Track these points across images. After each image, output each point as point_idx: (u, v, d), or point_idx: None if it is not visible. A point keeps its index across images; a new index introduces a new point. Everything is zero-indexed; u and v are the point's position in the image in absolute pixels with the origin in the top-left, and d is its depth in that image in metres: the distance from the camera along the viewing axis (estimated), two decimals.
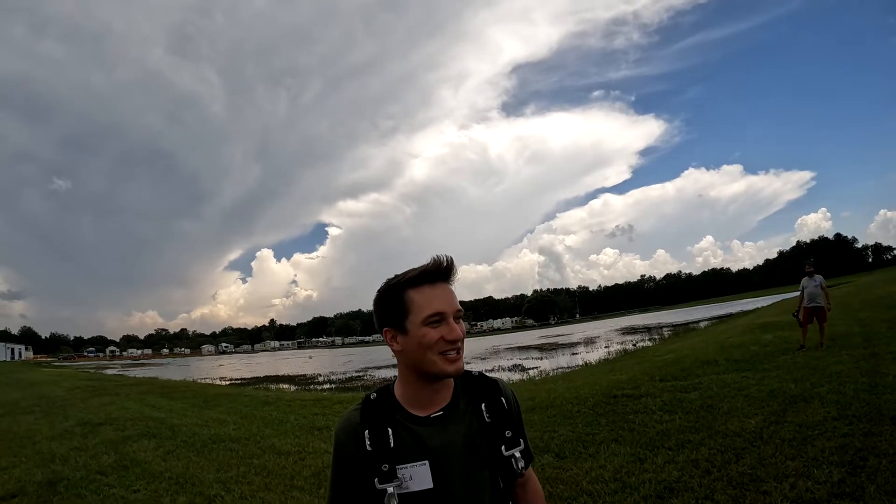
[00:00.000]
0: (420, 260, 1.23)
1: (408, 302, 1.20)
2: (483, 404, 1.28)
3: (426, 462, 1.19)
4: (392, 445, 1.19)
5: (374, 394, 1.29)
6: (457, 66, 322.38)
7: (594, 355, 22.32)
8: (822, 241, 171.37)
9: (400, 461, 1.19)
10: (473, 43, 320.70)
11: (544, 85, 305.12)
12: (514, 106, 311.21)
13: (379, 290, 1.26)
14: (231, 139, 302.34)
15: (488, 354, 35.59)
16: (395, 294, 1.22)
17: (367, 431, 1.21)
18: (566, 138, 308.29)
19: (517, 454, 1.26)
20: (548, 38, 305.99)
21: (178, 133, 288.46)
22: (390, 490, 1.16)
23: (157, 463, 6.16)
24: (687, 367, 9.79)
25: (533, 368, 20.87)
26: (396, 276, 1.24)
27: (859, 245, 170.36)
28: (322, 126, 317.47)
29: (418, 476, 1.18)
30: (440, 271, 1.21)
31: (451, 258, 1.22)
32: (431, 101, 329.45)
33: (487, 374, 1.36)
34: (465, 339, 1.25)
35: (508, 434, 1.27)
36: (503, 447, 1.25)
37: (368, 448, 1.19)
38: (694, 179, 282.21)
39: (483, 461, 1.23)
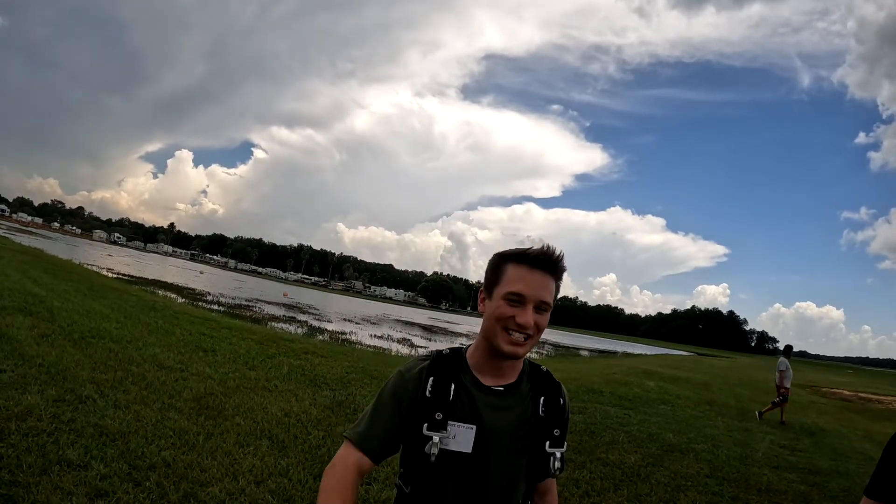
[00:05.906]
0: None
1: (502, 272, 1.26)
2: (542, 398, 1.32)
3: (474, 427, 1.23)
4: (450, 399, 1.24)
5: (447, 350, 1.34)
6: (432, 34, 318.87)
7: None
8: (716, 312, 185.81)
9: (452, 417, 1.23)
10: (457, 17, 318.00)
11: (510, 82, 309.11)
12: (473, 91, 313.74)
13: (493, 255, 1.32)
14: (188, 29, 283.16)
15: (378, 320, 35.93)
16: (499, 262, 1.28)
17: (431, 379, 1.26)
18: (512, 139, 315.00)
19: (558, 454, 1.29)
20: (530, 39, 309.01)
21: (138, 5, 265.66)
22: (435, 439, 1.21)
23: (29, 345, 5.58)
24: (573, 389, 10.19)
25: (422, 347, 21.11)
26: (516, 248, 1.29)
27: (747, 328, 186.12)
28: (281, 45, 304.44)
29: (462, 437, 1.22)
30: (542, 259, 1.24)
31: (562, 254, 1.25)
32: (396, 60, 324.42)
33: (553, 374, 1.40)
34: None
35: (556, 433, 1.30)
36: (548, 443, 1.29)
37: (428, 394, 1.24)
38: (617, 218, 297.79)
39: (525, 449, 1.27)
